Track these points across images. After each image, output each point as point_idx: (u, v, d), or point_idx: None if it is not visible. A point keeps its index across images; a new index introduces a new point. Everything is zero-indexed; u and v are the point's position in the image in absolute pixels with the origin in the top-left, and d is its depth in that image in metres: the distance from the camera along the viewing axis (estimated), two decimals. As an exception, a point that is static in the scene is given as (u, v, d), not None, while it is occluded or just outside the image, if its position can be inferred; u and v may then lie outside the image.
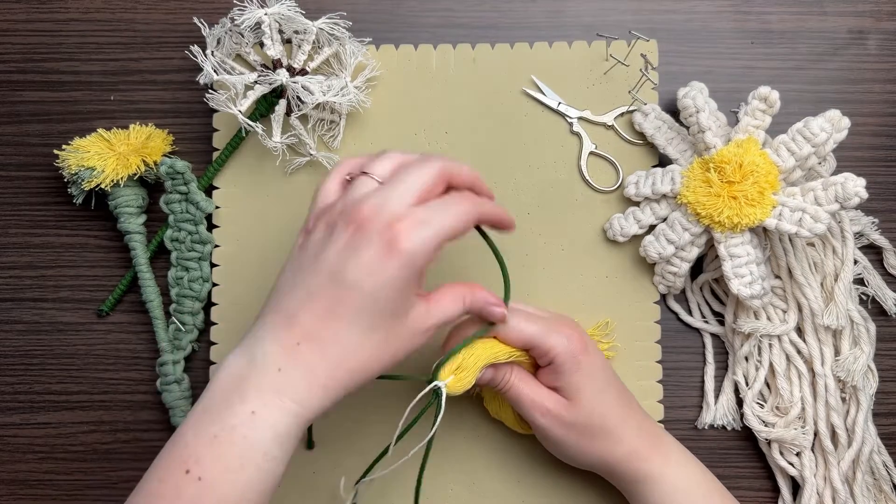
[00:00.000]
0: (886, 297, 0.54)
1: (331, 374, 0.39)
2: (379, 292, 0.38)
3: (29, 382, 0.56)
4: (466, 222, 0.41)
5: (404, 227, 0.38)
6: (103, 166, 0.52)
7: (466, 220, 0.41)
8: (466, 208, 0.41)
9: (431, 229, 0.39)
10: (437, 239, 0.39)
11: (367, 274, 0.38)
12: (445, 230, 0.39)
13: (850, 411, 0.52)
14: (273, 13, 0.52)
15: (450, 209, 0.40)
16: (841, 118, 0.48)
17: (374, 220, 0.39)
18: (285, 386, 0.38)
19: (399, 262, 0.38)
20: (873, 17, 0.57)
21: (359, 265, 0.38)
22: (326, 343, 0.39)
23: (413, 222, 0.39)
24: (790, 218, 0.48)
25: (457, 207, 0.41)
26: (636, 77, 0.55)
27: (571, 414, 0.46)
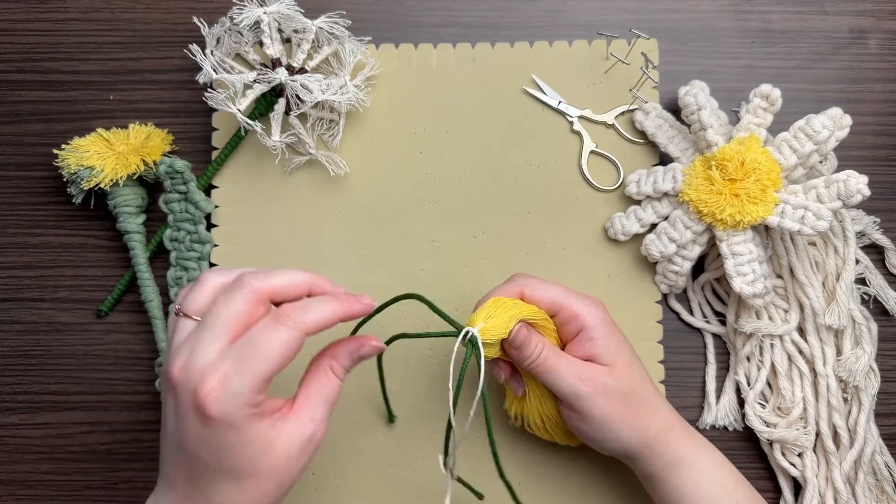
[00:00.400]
0: (888, 296, 0.54)
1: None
2: (217, 456, 0.37)
3: (28, 383, 0.56)
4: (286, 354, 0.37)
5: (210, 388, 0.35)
6: (102, 166, 0.52)
7: (286, 351, 0.37)
8: (282, 338, 0.36)
9: (243, 381, 0.36)
10: (255, 387, 0.36)
11: (198, 443, 0.37)
12: (261, 375, 0.36)
13: (851, 411, 0.52)
14: (272, 12, 0.52)
15: (261, 346, 0.36)
16: (843, 116, 0.48)
17: (184, 386, 0.36)
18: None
19: (218, 428, 0.36)
20: (874, 17, 0.57)
21: (188, 435, 0.37)
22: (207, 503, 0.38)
23: (220, 380, 0.36)
24: (793, 215, 0.48)
25: (270, 342, 0.36)
26: (637, 76, 0.55)
27: (614, 380, 0.45)
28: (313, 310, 0.38)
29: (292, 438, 0.38)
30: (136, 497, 0.55)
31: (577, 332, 0.46)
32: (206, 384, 0.36)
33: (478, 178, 0.55)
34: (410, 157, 0.56)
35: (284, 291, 0.39)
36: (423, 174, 0.56)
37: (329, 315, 0.39)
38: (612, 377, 0.45)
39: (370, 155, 0.56)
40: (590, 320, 0.45)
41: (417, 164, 0.56)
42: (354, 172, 0.56)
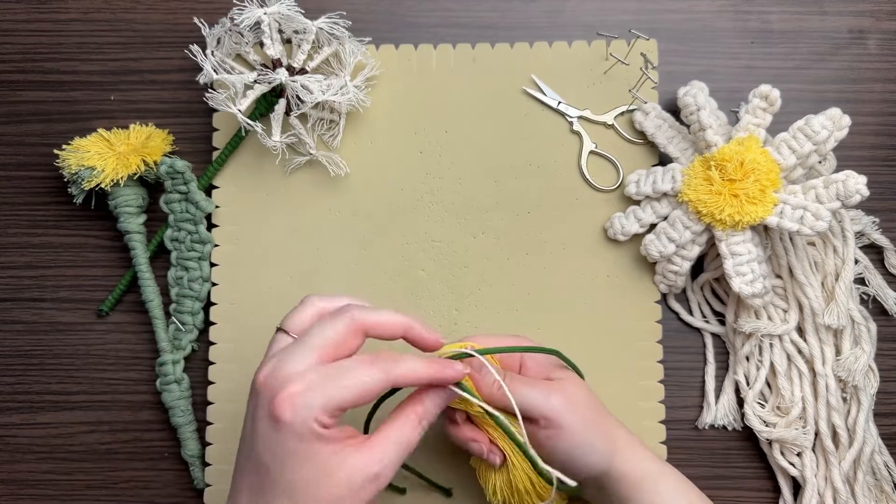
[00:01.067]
0: (887, 296, 0.54)
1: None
2: (281, 466, 0.37)
3: (28, 382, 0.56)
4: (369, 391, 0.38)
5: (288, 394, 0.36)
6: (103, 166, 0.52)
7: (368, 388, 0.37)
8: (370, 374, 0.38)
9: (321, 397, 0.36)
10: (329, 407, 0.36)
11: (265, 447, 0.37)
12: (338, 399, 0.37)
13: (851, 411, 0.52)
14: (272, 13, 0.52)
15: (348, 375, 0.37)
16: (842, 116, 0.48)
17: (266, 390, 0.37)
18: None
19: (288, 434, 0.36)
20: (873, 17, 0.57)
21: (259, 440, 0.37)
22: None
23: (301, 389, 0.36)
24: (792, 216, 0.48)
25: (358, 374, 0.37)
26: (636, 76, 0.55)
27: (575, 389, 0.46)
28: (407, 364, 0.39)
29: (356, 470, 0.37)
30: (137, 496, 0.55)
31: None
32: (286, 390, 0.36)
33: (478, 179, 0.56)
34: (410, 157, 0.56)
35: (381, 328, 0.40)
36: (423, 174, 0.56)
37: (420, 374, 0.40)
38: (573, 387, 0.46)
39: (370, 155, 0.56)
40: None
41: (417, 164, 0.56)
42: (354, 173, 0.56)
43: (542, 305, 0.54)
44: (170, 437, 0.55)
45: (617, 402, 0.52)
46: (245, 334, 0.55)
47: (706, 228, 0.50)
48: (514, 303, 0.54)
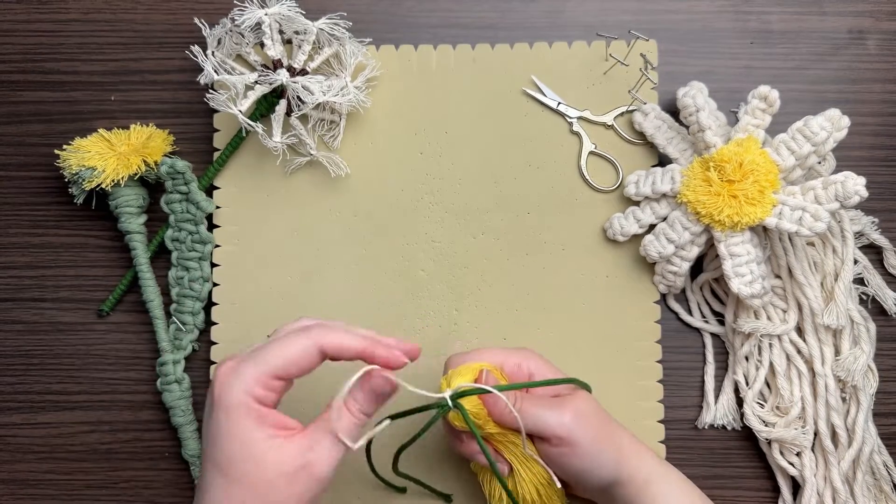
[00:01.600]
0: (886, 296, 0.54)
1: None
2: (211, 441, 0.38)
3: (29, 382, 0.56)
4: (300, 357, 0.39)
5: (221, 371, 0.39)
6: (104, 166, 0.52)
7: (299, 354, 0.39)
8: (299, 342, 0.39)
9: (252, 366, 0.38)
10: (260, 375, 0.38)
11: (205, 428, 0.39)
12: (269, 367, 0.38)
13: (850, 411, 0.52)
14: (273, 13, 0.52)
15: (279, 343, 0.39)
16: (841, 117, 0.48)
17: (216, 372, 0.39)
18: None
19: (218, 410, 0.38)
20: (873, 18, 0.57)
21: (204, 422, 0.40)
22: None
23: (232, 365, 0.38)
24: (790, 217, 0.48)
25: (288, 342, 0.39)
26: (636, 77, 0.55)
27: (582, 402, 0.46)
28: (337, 334, 0.40)
29: (285, 457, 0.38)
30: (137, 496, 0.55)
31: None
32: (225, 365, 0.39)
33: (477, 179, 0.56)
34: (410, 157, 0.56)
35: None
36: (423, 175, 0.56)
37: (349, 343, 0.40)
38: (583, 403, 0.46)
39: (370, 156, 0.56)
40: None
41: (417, 164, 0.56)
42: (355, 173, 0.56)
43: (542, 305, 0.55)
44: (170, 436, 0.55)
45: (616, 402, 0.53)
46: (246, 334, 0.55)
47: (705, 229, 0.50)
48: (514, 303, 0.54)
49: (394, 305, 0.55)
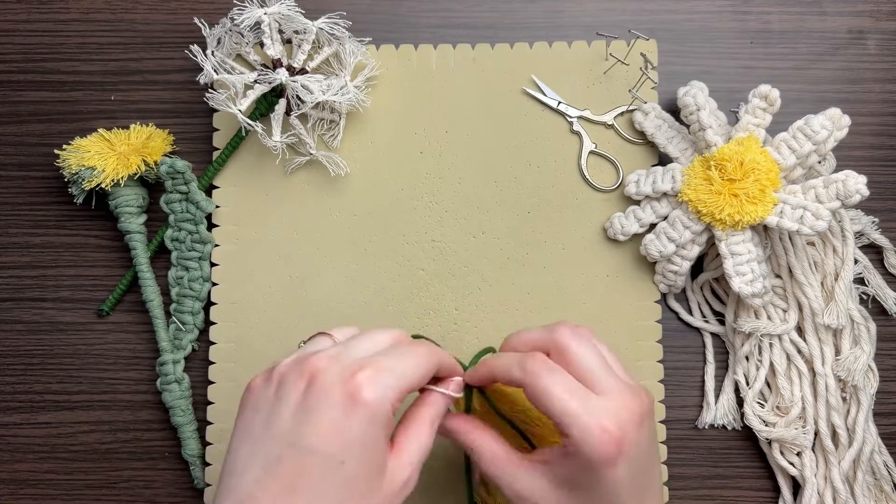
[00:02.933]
0: (887, 296, 0.54)
1: None
2: (346, 454, 0.34)
3: (29, 382, 0.56)
4: (427, 367, 0.38)
5: (366, 375, 0.35)
6: (104, 166, 0.52)
7: (427, 364, 0.38)
8: (425, 353, 0.38)
9: (394, 376, 0.36)
10: (402, 387, 0.36)
11: (330, 433, 0.34)
12: (408, 377, 0.37)
13: (850, 411, 0.52)
14: (273, 13, 0.52)
15: (407, 355, 0.38)
16: (841, 116, 0.49)
17: (331, 371, 0.35)
18: None
19: (365, 416, 0.34)
20: (873, 17, 0.57)
21: (319, 424, 0.34)
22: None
23: (376, 369, 0.35)
24: (791, 215, 0.48)
25: (414, 353, 0.38)
26: (636, 76, 0.55)
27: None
28: (441, 352, 0.41)
29: (395, 473, 0.36)
30: (137, 496, 0.55)
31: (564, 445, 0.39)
32: (364, 371, 0.35)
33: (478, 178, 0.56)
34: (410, 157, 0.56)
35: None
36: (423, 174, 0.56)
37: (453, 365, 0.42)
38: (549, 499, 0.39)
39: (370, 155, 0.56)
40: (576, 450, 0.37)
41: (417, 164, 0.56)
42: (355, 173, 0.56)
43: (542, 305, 0.55)
44: (170, 436, 0.55)
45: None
46: (245, 334, 0.55)
47: (706, 228, 0.50)
48: (514, 303, 0.54)
49: (394, 305, 0.55)
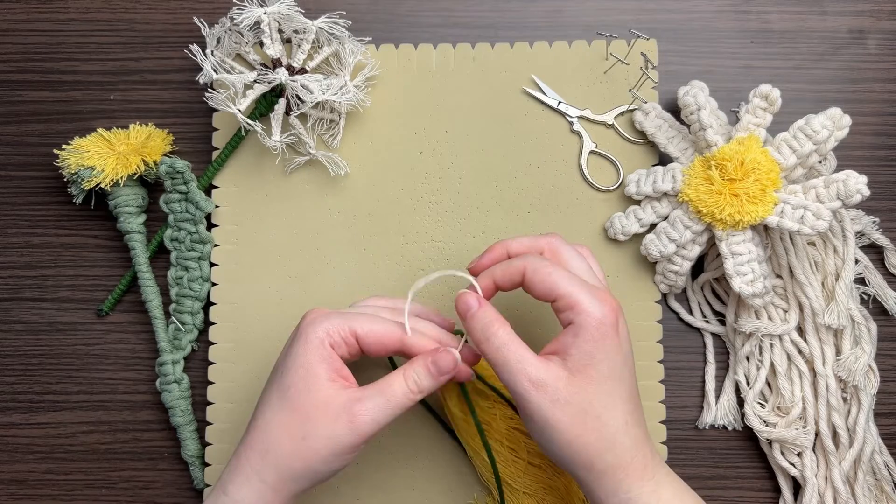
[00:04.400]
0: (887, 296, 0.54)
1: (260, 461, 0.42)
2: (284, 368, 0.43)
3: (28, 382, 0.56)
4: (387, 336, 0.44)
5: (316, 314, 0.44)
6: (103, 166, 0.52)
7: (388, 336, 0.44)
8: (390, 326, 0.44)
9: (340, 320, 0.43)
10: (341, 328, 0.43)
11: (282, 354, 0.44)
12: (352, 325, 0.43)
13: (851, 411, 0.52)
14: (272, 12, 0.52)
15: (369, 313, 0.44)
16: (842, 116, 0.48)
17: (306, 313, 0.45)
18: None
19: (301, 342, 0.43)
20: (873, 17, 0.57)
21: (282, 350, 0.45)
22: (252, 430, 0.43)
23: (328, 314, 0.43)
24: (792, 215, 0.48)
25: (377, 318, 0.44)
26: (636, 76, 0.55)
27: (569, 390, 0.40)
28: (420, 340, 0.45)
29: (335, 399, 0.41)
30: (137, 496, 0.55)
31: (568, 323, 0.42)
32: (312, 311, 0.44)
33: (478, 178, 0.56)
34: (410, 157, 0.56)
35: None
36: (423, 174, 0.56)
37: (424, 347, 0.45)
38: (568, 387, 0.40)
39: (370, 155, 0.56)
40: (585, 317, 0.41)
41: (417, 164, 0.56)
42: (354, 172, 0.56)
43: (543, 305, 0.54)
44: (170, 437, 0.55)
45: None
46: (245, 334, 0.55)
47: (706, 228, 0.50)
48: (514, 302, 0.54)
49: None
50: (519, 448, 0.50)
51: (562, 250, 0.45)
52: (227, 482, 0.42)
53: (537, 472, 0.50)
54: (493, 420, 0.50)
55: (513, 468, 0.50)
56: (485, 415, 0.50)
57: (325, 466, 0.42)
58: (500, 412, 0.51)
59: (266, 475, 0.41)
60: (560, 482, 0.50)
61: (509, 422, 0.51)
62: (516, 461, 0.50)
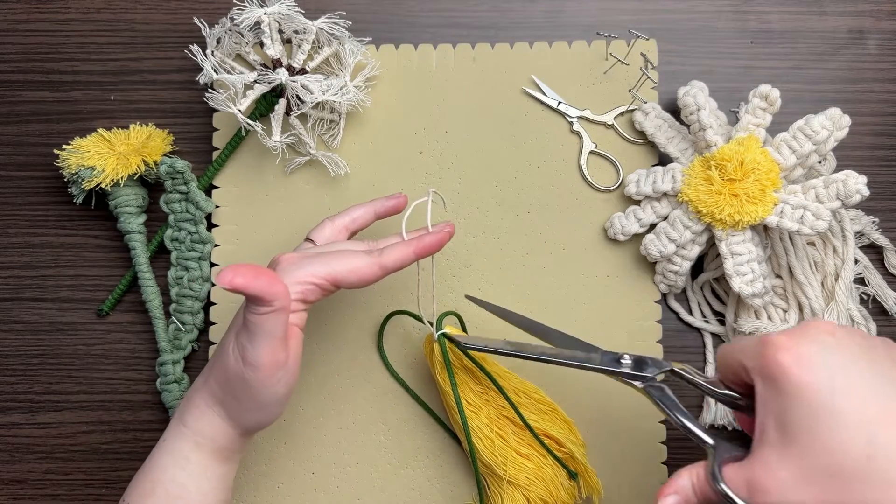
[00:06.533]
0: (887, 296, 0.54)
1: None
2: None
3: (29, 382, 0.56)
4: (361, 270, 0.44)
5: (291, 257, 0.44)
6: (103, 166, 0.52)
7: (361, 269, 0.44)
8: (363, 258, 0.45)
9: (316, 265, 0.43)
10: (319, 273, 0.43)
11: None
12: (334, 270, 0.43)
13: (851, 411, 0.52)
14: (272, 13, 0.52)
15: (345, 257, 0.44)
16: (842, 116, 0.48)
17: (279, 257, 0.45)
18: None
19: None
20: (873, 17, 0.57)
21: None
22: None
23: (300, 256, 0.44)
24: (792, 215, 0.48)
25: (350, 256, 0.45)
26: (636, 76, 0.55)
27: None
28: (396, 253, 0.46)
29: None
30: (137, 496, 0.55)
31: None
32: (285, 255, 0.44)
33: (478, 178, 0.56)
34: (410, 157, 0.56)
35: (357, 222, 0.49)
36: (423, 174, 0.56)
37: (407, 257, 0.46)
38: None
39: (370, 155, 0.56)
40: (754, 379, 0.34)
41: (417, 164, 0.56)
42: (354, 172, 0.56)
43: (543, 305, 0.54)
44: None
45: (617, 404, 0.53)
46: (245, 334, 0.55)
47: (706, 228, 0.50)
48: (515, 303, 0.54)
49: (394, 305, 0.55)
50: (507, 435, 0.50)
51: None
52: (185, 412, 0.44)
53: (524, 462, 0.50)
54: (483, 405, 0.50)
55: (500, 455, 0.49)
56: (476, 398, 0.51)
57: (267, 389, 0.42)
58: (491, 398, 0.51)
59: (219, 405, 0.43)
60: (548, 472, 0.50)
61: (500, 409, 0.51)
62: (504, 448, 0.50)
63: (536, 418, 0.51)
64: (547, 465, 0.50)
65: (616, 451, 0.53)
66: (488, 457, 0.49)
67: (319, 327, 0.54)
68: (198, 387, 0.44)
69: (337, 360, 0.54)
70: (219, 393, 0.43)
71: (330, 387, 0.54)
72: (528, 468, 0.50)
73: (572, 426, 0.52)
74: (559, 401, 0.52)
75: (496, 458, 0.49)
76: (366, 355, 0.54)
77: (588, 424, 0.53)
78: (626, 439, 0.53)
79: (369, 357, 0.54)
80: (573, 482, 0.50)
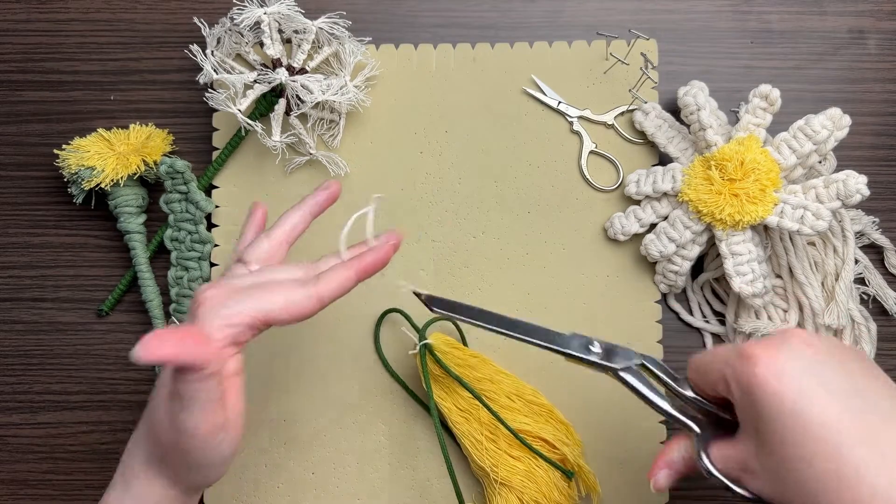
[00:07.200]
0: (887, 296, 0.54)
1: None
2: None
3: (28, 382, 0.56)
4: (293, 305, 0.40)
5: (214, 300, 0.39)
6: (103, 166, 0.52)
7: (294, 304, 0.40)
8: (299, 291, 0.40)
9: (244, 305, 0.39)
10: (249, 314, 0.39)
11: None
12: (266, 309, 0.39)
13: (851, 411, 0.52)
14: (272, 12, 0.52)
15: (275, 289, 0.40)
16: (842, 116, 0.48)
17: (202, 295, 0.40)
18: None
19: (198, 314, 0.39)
20: (873, 17, 0.57)
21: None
22: None
23: (227, 292, 0.39)
24: (792, 215, 0.48)
25: (282, 289, 0.40)
26: (636, 76, 0.55)
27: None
28: (331, 283, 0.40)
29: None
30: (137, 496, 0.55)
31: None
32: (208, 292, 0.38)
33: (478, 178, 0.56)
34: (410, 157, 0.56)
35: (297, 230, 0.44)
36: (423, 174, 0.56)
37: (346, 285, 0.41)
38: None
39: (370, 155, 0.56)
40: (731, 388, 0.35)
41: (417, 164, 0.56)
42: (354, 172, 0.56)
43: (542, 305, 0.54)
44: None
45: (616, 403, 0.53)
46: (245, 334, 0.55)
47: (706, 228, 0.50)
48: (514, 303, 0.54)
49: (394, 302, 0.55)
50: (498, 438, 0.50)
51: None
52: (126, 479, 0.41)
53: (516, 464, 0.50)
54: (474, 409, 0.51)
55: (491, 458, 0.50)
56: (466, 403, 0.51)
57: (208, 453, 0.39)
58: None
59: (158, 464, 0.40)
60: (540, 474, 0.50)
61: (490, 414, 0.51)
62: (495, 451, 0.50)
63: (530, 421, 0.51)
64: (539, 466, 0.50)
65: (616, 451, 0.53)
66: (480, 460, 0.50)
67: (319, 327, 0.54)
68: (132, 451, 0.41)
69: (336, 361, 0.54)
70: (157, 453, 0.40)
71: (329, 387, 0.54)
72: (519, 470, 0.50)
73: (569, 427, 0.52)
74: (558, 402, 0.52)
75: (487, 461, 0.49)
76: (365, 355, 0.54)
77: (587, 425, 0.53)
78: (626, 439, 0.53)
79: (369, 357, 0.54)
80: (570, 482, 0.51)
